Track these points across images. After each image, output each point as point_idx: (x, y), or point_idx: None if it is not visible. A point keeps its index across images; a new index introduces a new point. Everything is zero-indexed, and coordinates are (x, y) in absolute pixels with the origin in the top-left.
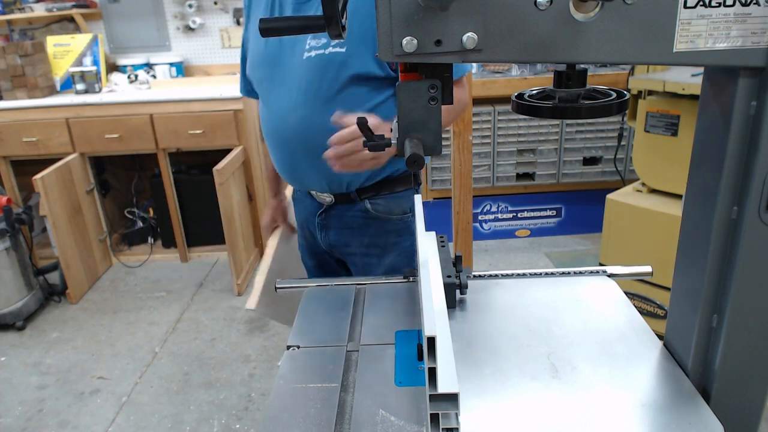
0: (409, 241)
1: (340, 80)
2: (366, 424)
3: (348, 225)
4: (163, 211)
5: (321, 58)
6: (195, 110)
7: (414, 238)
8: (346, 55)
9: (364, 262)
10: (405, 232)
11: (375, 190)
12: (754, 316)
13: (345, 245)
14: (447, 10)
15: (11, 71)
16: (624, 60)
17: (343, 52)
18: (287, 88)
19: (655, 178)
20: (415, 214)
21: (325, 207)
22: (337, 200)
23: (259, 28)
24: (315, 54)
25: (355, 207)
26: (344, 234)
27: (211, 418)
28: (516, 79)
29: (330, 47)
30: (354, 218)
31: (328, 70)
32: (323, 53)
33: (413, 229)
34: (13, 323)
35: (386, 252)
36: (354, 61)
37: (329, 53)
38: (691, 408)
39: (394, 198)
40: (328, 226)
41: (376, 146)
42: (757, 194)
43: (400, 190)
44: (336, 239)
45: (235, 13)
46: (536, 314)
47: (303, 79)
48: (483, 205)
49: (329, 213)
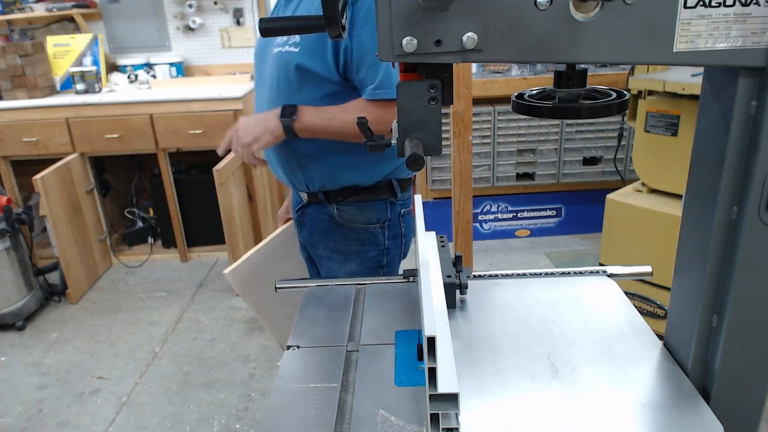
0: (373, 252)
1: (294, 79)
2: (366, 424)
3: (318, 226)
4: (163, 211)
5: (280, 56)
6: (195, 110)
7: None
8: (297, 55)
9: (328, 266)
10: (369, 243)
11: (342, 196)
12: (754, 316)
13: (313, 245)
14: (447, 10)
15: (11, 71)
16: (624, 60)
17: (296, 52)
18: (265, 82)
19: (655, 178)
20: (416, 214)
21: (302, 204)
22: (310, 200)
23: (259, 28)
24: (277, 51)
25: (324, 210)
26: (314, 234)
27: (211, 418)
28: (516, 79)
29: (287, 46)
30: (322, 221)
31: (285, 68)
32: (281, 50)
33: (379, 240)
34: (13, 323)
35: (347, 259)
36: (304, 61)
37: (285, 51)
38: (691, 408)
39: (360, 207)
40: (303, 224)
41: (376, 146)
42: (757, 194)
43: (368, 200)
44: (307, 238)
45: (235, 13)
46: (536, 314)
47: (272, 74)
48: (483, 205)
49: (305, 211)
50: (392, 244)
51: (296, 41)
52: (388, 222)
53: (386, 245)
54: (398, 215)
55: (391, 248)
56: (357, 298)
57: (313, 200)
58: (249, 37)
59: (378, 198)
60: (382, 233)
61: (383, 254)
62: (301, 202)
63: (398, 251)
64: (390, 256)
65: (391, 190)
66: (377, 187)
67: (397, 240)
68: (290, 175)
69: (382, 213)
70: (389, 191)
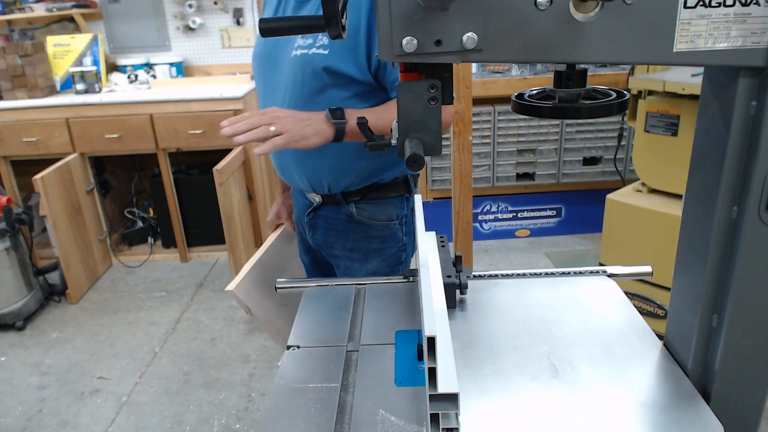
0: (393, 248)
1: (319, 81)
2: (366, 424)
3: (334, 227)
4: (163, 211)
5: (305, 58)
6: (195, 110)
7: (399, 245)
8: (328, 57)
9: (347, 266)
10: (389, 239)
11: (361, 195)
12: (754, 316)
13: (330, 246)
14: (447, 10)
15: (11, 71)
16: (624, 60)
17: (325, 54)
18: (278, 85)
19: (655, 178)
20: (416, 214)
21: (314, 207)
22: (325, 201)
23: (259, 28)
24: (300, 53)
25: (341, 210)
26: (330, 235)
27: (211, 418)
28: (516, 79)
29: (314, 48)
30: (339, 221)
31: (310, 70)
32: (307, 53)
33: (398, 237)
34: (13, 323)
35: (368, 257)
36: (334, 63)
37: (312, 53)
38: (691, 408)
39: (379, 204)
40: (316, 226)
41: (376, 146)
42: (757, 194)
43: (387, 197)
44: (322, 240)
45: (235, 13)
46: (536, 314)
47: (290, 77)
48: (483, 205)
49: (317, 213)
50: (408, 240)
51: (324, 43)
52: (405, 218)
53: (404, 241)
54: (411, 211)
55: (407, 244)
56: (357, 298)
57: (328, 201)
58: (249, 37)
59: (396, 194)
60: (400, 229)
61: (402, 250)
62: (311, 205)
63: (412, 247)
64: (407, 252)
65: (406, 186)
66: (394, 184)
67: (411, 236)
68: (313, 179)
69: (400, 209)
70: (405, 187)
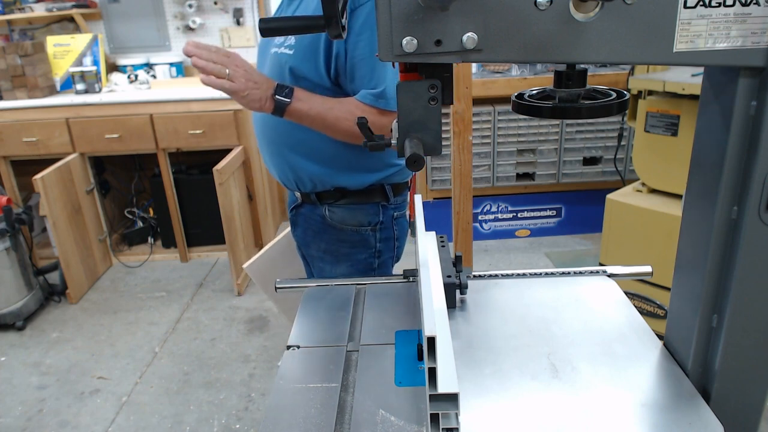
0: (364, 254)
1: (287, 81)
2: (366, 424)
3: (311, 227)
4: (163, 211)
5: (276, 56)
6: (195, 110)
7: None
8: (291, 58)
9: (319, 267)
10: (359, 245)
11: (333, 198)
12: (754, 316)
13: (307, 245)
14: (447, 10)
15: (11, 71)
16: (624, 60)
17: (290, 54)
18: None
19: (655, 178)
20: (416, 214)
21: (296, 204)
22: (303, 199)
23: (259, 28)
24: (273, 51)
25: (316, 210)
26: (308, 234)
27: (211, 418)
28: (516, 79)
29: (283, 47)
30: (315, 221)
31: (280, 70)
32: (278, 51)
33: (370, 243)
34: (13, 323)
35: (339, 261)
36: (296, 64)
37: (280, 53)
38: (691, 408)
39: (350, 209)
40: (297, 223)
41: (376, 146)
42: (757, 194)
43: (360, 203)
44: (301, 238)
45: (235, 13)
46: (536, 314)
47: (270, 73)
48: (483, 205)
49: (299, 211)
50: (384, 247)
51: (291, 43)
52: (380, 225)
53: (378, 248)
54: (391, 218)
55: (383, 251)
56: (357, 298)
57: (306, 200)
58: (249, 37)
59: (369, 201)
60: (373, 236)
61: (374, 257)
62: (295, 201)
63: (391, 254)
64: (382, 258)
65: (383, 194)
66: (369, 191)
67: (389, 243)
68: (282, 174)
69: (373, 216)
70: (381, 195)
